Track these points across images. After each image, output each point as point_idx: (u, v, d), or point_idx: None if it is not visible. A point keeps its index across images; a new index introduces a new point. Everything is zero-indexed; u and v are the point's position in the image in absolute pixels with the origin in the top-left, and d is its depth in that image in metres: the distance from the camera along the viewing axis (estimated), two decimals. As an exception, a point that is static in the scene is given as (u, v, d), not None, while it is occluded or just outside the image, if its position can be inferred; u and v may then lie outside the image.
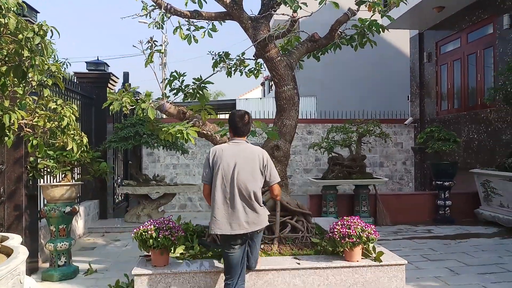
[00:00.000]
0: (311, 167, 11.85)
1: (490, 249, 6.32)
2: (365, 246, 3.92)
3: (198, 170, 11.37)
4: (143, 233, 3.75)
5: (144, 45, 4.34)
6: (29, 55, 2.28)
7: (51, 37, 2.27)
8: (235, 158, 3.43)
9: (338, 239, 3.82)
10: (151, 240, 3.71)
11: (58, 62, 3.93)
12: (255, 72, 5.66)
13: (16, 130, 2.59)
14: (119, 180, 9.36)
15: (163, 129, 3.86)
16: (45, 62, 2.51)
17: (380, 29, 4.81)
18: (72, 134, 3.01)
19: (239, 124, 3.56)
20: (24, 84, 2.48)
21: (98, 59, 8.70)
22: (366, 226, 3.87)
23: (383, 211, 8.46)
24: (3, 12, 2.06)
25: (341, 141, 8.26)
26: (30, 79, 2.45)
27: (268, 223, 3.70)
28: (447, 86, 10.81)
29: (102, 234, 7.61)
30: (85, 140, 3.41)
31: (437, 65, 11.16)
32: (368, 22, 4.89)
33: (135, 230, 3.84)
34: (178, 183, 9.12)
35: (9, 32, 2.26)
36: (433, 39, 11.21)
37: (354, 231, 3.78)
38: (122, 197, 9.83)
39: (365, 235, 3.81)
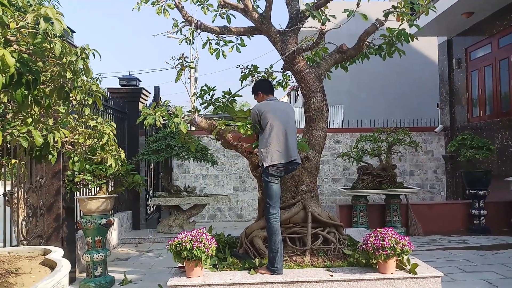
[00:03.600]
0: (339, 177, 11.77)
1: (530, 261, 6.11)
2: (399, 258, 3.88)
3: (227, 181, 11.49)
4: (178, 245, 3.82)
5: (175, 61, 4.47)
6: (71, 77, 2.41)
7: (93, 59, 2.40)
8: (281, 110, 4.15)
9: (372, 251, 3.80)
10: (185, 252, 3.77)
11: (93, 79, 4.09)
12: (283, 84, 5.72)
13: (59, 148, 2.72)
14: (151, 192, 9.56)
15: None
16: (86, 83, 2.64)
17: (406, 40, 4.80)
18: (111, 150, 3.14)
19: (270, 84, 4.47)
20: (67, 104, 2.62)
21: (130, 74, 8.96)
22: (400, 238, 3.83)
23: (415, 221, 8.31)
24: (49, 38, 2.19)
25: (370, 150, 8.18)
26: (72, 98, 2.58)
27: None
28: (478, 92, 10.57)
29: (136, 244, 7.77)
30: (123, 155, 3.53)
31: (467, 71, 10.94)
32: (396, 32, 4.89)
33: (169, 242, 3.92)
34: (208, 194, 9.23)
35: (53, 56, 2.39)
36: (462, 45, 11.01)
37: (388, 243, 3.74)
38: (154, 208, 10.02)
39: (399, 247, 3.76)
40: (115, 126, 3.23)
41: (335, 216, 4.82)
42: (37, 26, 2.07)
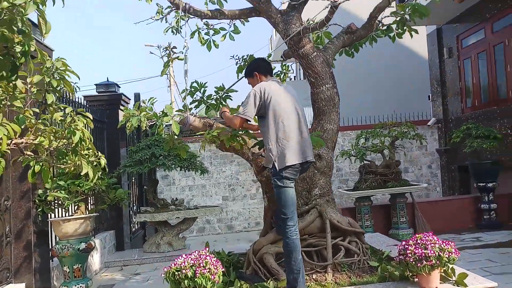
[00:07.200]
0: (332, 178, 11.17)
1: (558, 256, 5.60)
2: (444, 269, 3.25)
3: (215, 190, 10.75)
4: (176, 273, 3.10)
5: (161, 51, 3.77)
6: (19, 38, 1.62)
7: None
8: (287, 95, 3.48)
9: (413, 262, 3.15)
10: (186, 281, 3.06)
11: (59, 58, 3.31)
12: (282, 75, 5.07)
13: (7, 151, 1.94)
14: (134, 208, 8.73)
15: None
16: (44, 53, 1.89)
17: (424, 13, 4.25)
18: (86, 154, 2.38)
19: (269, 64, 3.74)
20: (14, 80, 1.80)
21: (108, 80, 8.14)
22: (444, 244, 3.21)
23: (422, 220, 7.76)
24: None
25: (371, 147, 7.59)
26: (29, 84, 1.82)
27: None
28: (472, 80, 10.16)
29: (121, 267, 6.95)
30: (103, 162, 2.75)
31: (459, 60, 10.53)
32: (409, 8, 4.33)
33: (165, 269, 3.20)
34: (198, 206, 8.47)
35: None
36: (453, 33, 10.60)
37: (432, 251, 3.12)
38: (138, 226, 9.17)
39: (445, 255, 3.14)
40: (91, 119, 2.45)
41: (354, 221, 4.17)
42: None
